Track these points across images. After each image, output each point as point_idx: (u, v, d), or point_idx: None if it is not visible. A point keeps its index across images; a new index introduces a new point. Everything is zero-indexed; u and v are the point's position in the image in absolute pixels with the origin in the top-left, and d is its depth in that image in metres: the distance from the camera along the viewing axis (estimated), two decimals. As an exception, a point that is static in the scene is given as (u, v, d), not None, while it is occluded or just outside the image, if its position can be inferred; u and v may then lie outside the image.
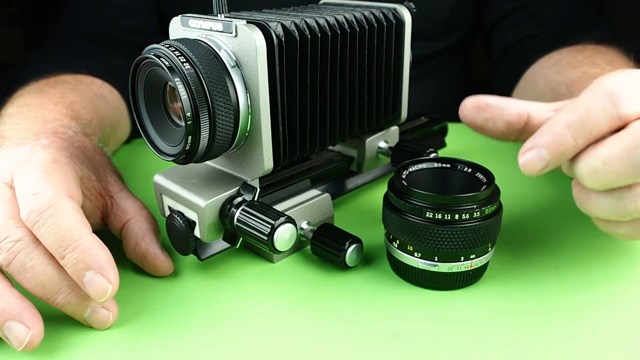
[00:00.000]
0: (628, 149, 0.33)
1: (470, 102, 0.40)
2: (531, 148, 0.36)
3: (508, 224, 0.48)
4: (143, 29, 0.74)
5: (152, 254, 0.42)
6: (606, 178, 0.34)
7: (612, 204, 0.36)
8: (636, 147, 0.33)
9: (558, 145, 0.35)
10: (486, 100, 0.40)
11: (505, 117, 0.40)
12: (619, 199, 0.35)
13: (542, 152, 0.35)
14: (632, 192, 0.35)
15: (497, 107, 0.40)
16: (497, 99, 0.40)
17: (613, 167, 0.34)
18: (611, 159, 0.34)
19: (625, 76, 0.35)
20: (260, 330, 0.38)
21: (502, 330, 0.37)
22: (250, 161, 0.41)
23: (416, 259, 0.40)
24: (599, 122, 0.34)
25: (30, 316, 0.35)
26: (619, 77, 0.35)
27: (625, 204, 0.35)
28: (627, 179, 0.34)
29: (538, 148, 0.35)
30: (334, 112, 0.45)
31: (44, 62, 0.64)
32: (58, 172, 0.38)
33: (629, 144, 0.33)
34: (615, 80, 0.35)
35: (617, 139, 0.34)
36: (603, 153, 0.34)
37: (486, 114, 0.40)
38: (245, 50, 0.38)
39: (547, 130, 0.35)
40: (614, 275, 0.42)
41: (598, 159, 0.34)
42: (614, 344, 0.36)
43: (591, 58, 0.60)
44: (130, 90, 0.39)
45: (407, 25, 0.49)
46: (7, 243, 0.35)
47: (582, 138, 0.35)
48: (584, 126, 0.34)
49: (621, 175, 0.34)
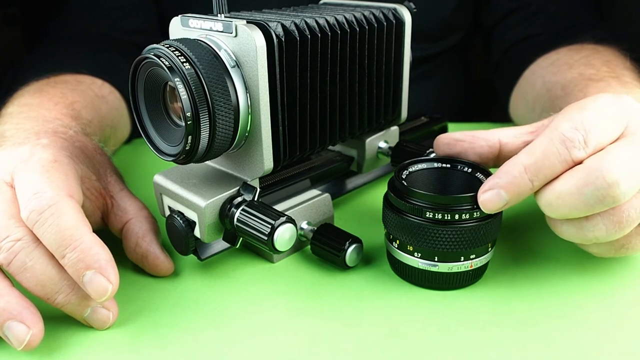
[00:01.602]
0: (579, 186, 0.35)
1: (440, 140, 0.43)
2: (490, 188, 0.38)
3: (508, 224, 0.48)
4: (143, 29, 0.74)
5: (152, 254, 0.42)
6: (561, 211, 0.37)
7: (573, 232, 0.38)
8: (586, 184, 0.35)
9: (515, 187, 0.37)
10: (455, 137, 0.43)
11: (476, 150, 0.42)
12: (578, 227, 0.37)
13: (501, 193, 0.37)
14: (590, 223, 0.37)
15: (466, 141, 0.42)
16: (465, 135, 0.43)
17: (566, 202, 0.36)
18: (564, 195, 0.36)
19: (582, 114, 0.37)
20: (260, 330, 0.38)
21: (502, 330, 0.37)
22: (250, 161, 0.41)
23: (416, 259, 0.40)
24: (554, 166, 0.36)
25: (31, 316, 0.35)
26: (576, 117, 0.37)
27: (584, 232, 0.37)
28: (581, 213, 0.36)
29: (497, 189, 0.37)
30: (334, 112, 0.45)
31: (44, 62, 0.64)
32: (58, 172, 0.38)
33: (579, 181, 0.35)
34: (571, 122, 0.37)
35: (571, 176, 0.36)
36: (557, 189, 0.36)
37: (457, 148, 0.43)
38: (245, 50, 0.38)
39: (506, 172, 0.37)
40: (613, 275, 0.42)
41: (553, 194, 0.37)
42: (613, 344, 0.36)
43: (588, 58, 0.61)
44: (130, 90, 0.40)
45: (407, 25, 0.49)
46: (7, 242, 0.35)
47: (537, 180, 0.37)
48: (540, 170, 0.37)
49: (574, 209, 0.36)
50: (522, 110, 0.69)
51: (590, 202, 0.35)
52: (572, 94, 0.53)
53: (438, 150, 0.44)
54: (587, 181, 0.35)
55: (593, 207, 0.36)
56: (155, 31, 0.75)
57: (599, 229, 0.37)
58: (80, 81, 0.61)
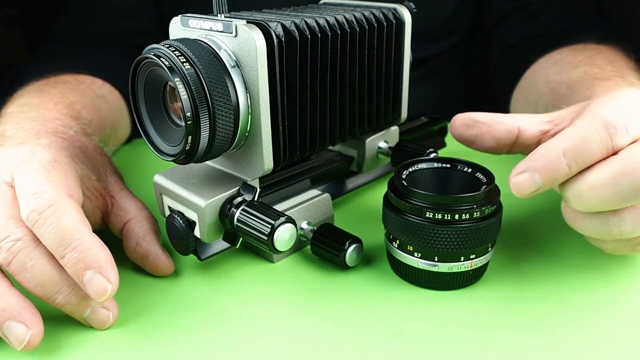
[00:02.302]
0: (615, 177, 0.34)
1: (459, 119, 0.41)
2: (524, 171, 0.36)
3: (508, 224, 0.48)
4: (143, 29, 0.74)
5: (153, 253, 0.42)
6: (591, 203, 0.35)
7: (597, 226, 0.36)
8: (623, 175, 0.33)
9: (552, 172, 0.35)
10: (474, 117, 0.41)
11: (495, 134, 0.41)
12: (604, 221, 0.36)
13: (535, 177, 0.36)
14: (617, 217, 0.35)
15: (485, 124, 0.41)
16: (486, 116, 0.41)
17: (599, 193, 0.34)
18: (598, 185, 0.34)
19: (619, 102, 0.36)
20: (260, 331, 0.38)
21: (502, 330, 0.37)
22: (250, 161, 0.41)
23: (416, 259, 0.40)
24: (594, 152, 0.35)
25: (30, 316, 0.35)
26: (614, 104, 0.36)
27: (610, 227, 0.36)
28: (612, 205, 0.35)
29: (531, 172, 0.36)
30: (334, 112, 0.45)
31: (44, 62, 0.64)
32: (58, 172, 0.38)
33: (616, 171, 0.34)
34: (611, 108, 0.35)
35: (606, 166, 0.34)
36: (591, 179, 0.35)
37: (475, 130, 0.41)
38: (245, 50, 0.38)
39: (543, 155, 0.36)
40: (614, 275, 0.42)
41: (585, 184, 0.35)
42: (614, 344, 0.36)
43: (592, 58, 0.60)
44: (130, 90, 0.40)
45: (407, 25, 0.49)
46: (7, 242, 0.35)
47: (576, 166, 0.35)
48: (579, 155, 0.35)
49: (606, 201, 0.34)
50: (523, 110, 0.69)
51: (625, 194, 0.34)
52: (579, 92, 0.53)
53: (455, 130, 0.42)
54: (624, 172, 0.33)
55: (626, 200, 0.34)
56: (155, 31, 0.75)
57: (625, 224, 0.35)
58: (80, 81, 0.61)
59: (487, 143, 0.41)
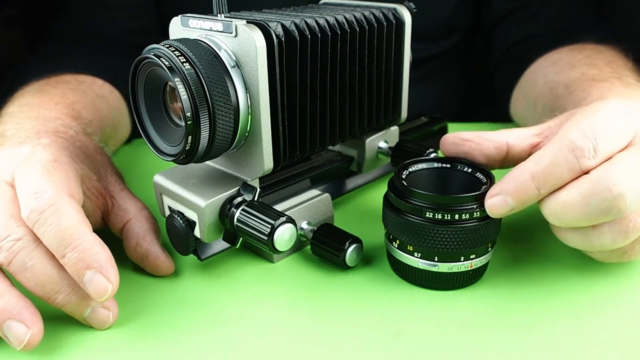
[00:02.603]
0: (584, 197, 0.35)
1: (448, 139, 0.43)
2: (497, 194, 0.38)
3: (508, 224, 0.48)
4: (143, 29, 0.74)
5: (153, 253, 0.42)
6: (566, 220, 0.36)
7: (579, 240, 0.38)
8: (592, 195, 0.35)
9: (522, 194, 0.37)
10: (462, 136, 0.42)
11: (484, 151, 0.42)
12: (584, 236, 0.37)
13: (508, 199, 0.37)
14: (596, 231, 0.37)
15: (473, 142, 0.42)
16: (474, 135, 0.42)
17: (571, 212, 0.36)
18: (569, 205, 0.36)
19: (591, 121, 0.37)
20: (260, 331, 0.38)
21: (502, 330, 0.37)
22: (250, 161, 0.41)
23: (416, 259, 0.40)
24: (562, 174, 0.36)
25: (30, 315, 0.35)
26: (585, 124, 0.36)
27: (590, 240, 0.37)
28: (586, 222, 0.36)
29: (504, 195, 0.37)
30: (334, 112, 0.45)
31: (45, 62, 0.64)
32: (59, 172, 0.39)
33: (585, 191, 0.35)
34: (580, 130, 0.36)
35: (576, 186, 0.36)
36: (562, 198, 0.36)
37: (463, 148, 0.42)
38: (245, 50, 0.38)
39: (514, 179, 0.37)
40: (612, 275, 0.42)
41: (558, 203, 0.36)
42: (614, 344, 0.36)
43: (590, 58, 0.61)
44: (130, 90, 0.40)
45: (407, 25, 0.49)
46: (7, 242, 0.35)
47: (544, 188, 0.36)
48: (547, 178, 0.36)
49: (579, 219, 0.36)
50: (523, 109, 0.69)
51: (595, 212, 0.35)
52: (575, 93, 0.53)
53: (444, 149, 0.43)
54: (593, 191, 0.35)
55: (598, 218, 0.35)
56: (155, 31, 0.75)
57: (605, 237, 0.36)
58: (80, 81, 0.61)
59: (477, 160, 0.42)
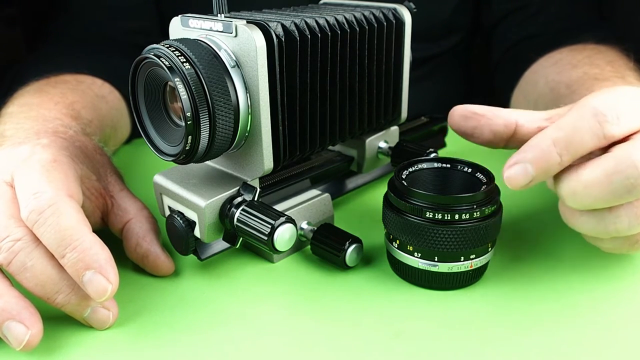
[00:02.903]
0: (608, 174, 0.34)
1: (458, 111, 0.41)
2: (517, 162, 0.36)
3: (508, 224, 0.48)
4: (143, 29, 0.74)
5: (153, 253, 0.42)
6: (586, 200, 0.35)
7: (594, 224, 0.36)
8: (616, 172, 0.34)
9: (544, 162, 0.35)
10: (473, 109, 0.41)
11: (492, 127, 0.40)
12: (599, 219, 0.36)
13: (528, 167, 0.35)
14: (612, 214, 0.35)
15: (484, 116, 0.41)
16: (485, 109, 0.41)
17: (592, 190, 0.34)
18: (591, 183, 0.34)
19: (612, 95, 0.36)
20: (260, 330, 0.38)
21: (502, 330, 0.37)
22: (250, 161, 0.41)
23: (416, 259, 0.40)
24: (584, 141, 0.35)
25: (30, 316, 0.35)
26: (606, 96, 0.36)
27: (606, 224, 0.36)
28: (606, 203, 0.35)
29: (524, 163, 0.36)
30: (334, 112, 0.45)
31: (44, 62, 0.64)
32: (58, 172, 0.38)
33: (609, 169, 0.34)
34: (602, 99, 0.35)
35: (599, 163, 0.34)
36: (584, 176, 0.35)
37: (473, 122, 0.41)
38: (245, 50, 0.38)
39: (534, 145, 0.36)
40: (613, 275, 0.42)
41: (579, 182, 0.35)
42: (614, 344, 0.36)
43: (591, 58, 0.61)
44: (130, 90, 0.40)
45: (407, 25, 0.49)
46: (7, 242, 0.35)
47: (567, 155, 0.35)
48: (570, 144, 0.35)
49: (600, 199, 0.34)
50: (523, 109, 0.69)
51: (618, 191, 0.34)
52: (578, 92, 0.53)
53: (452, 121, 0.42)
54: (617, 169, 0.33)
55: (620, 197, 0.34)
56: (155, 31, 0.75)
57: (621, 221, 0.35)
58: (80, 81, 0.61)
59: (484, 135, 0.41)
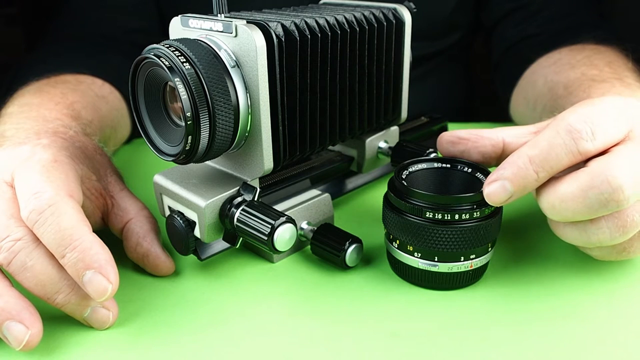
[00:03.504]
0: (583, 189, 0.35)
1: (444, 138, 0.43)
2: (496, 180, 0.37)
3: (508, 224, 0.48)
4: (143, 29, 0.74)
5: (153, 253, 0.42)
6: (564, 214, 0.36)
7: (577, 235, 0.37)
8: (591, 187, 0.34)
9: (521, 179, 0.36)
10: (458, 135, 0.42)
11: (480, 149, 0.42)
12: (582, 230, 0.37)
13: (506, 185, 0.37)
14: (594, 226, 0.36)
15: (470, 140, 0.42)
16: (470, 132, 0.42)
17: (570, 205, 0.35)
18: (568, 198, 0.35)
19: (590, 109, 0.37)
20: (260, 330, 0.38)
21: (502, 330, 0.37)
22: (250, 161, 0.41)
23: (416, 259, 0.40)
24: (560, 157, 0.36)
25: (29, 316, 0.35)
26: (583, 111, 0.36)
27: (588, 235, 0.37)
28: (584, 216, 0.36)
29: (502, 180, 0.37)
30: (334, 112, 0.45)
31: (44, 62, 0.64)
32: (58, 172, 0.39)
33: (584, 184, 0.35)
34: (578, 115, 0.36)
35: (575, 179, 0.35)
36: (561, 191, 0.36)
37: (460, 147, 0.42)
38: (245, 50, 0.38)
39: (511, 163, 0.37)
40: (611, 274, 0.42)
41: (556, 197, 0.36)
42: (613, 344, 0.36)
43: (590, 58, 0.61)
44: (130, 90, 0.40)
45: (407, 25, 0.49)
46: (7, 242, 0.35)
47: (543, 172, 0.36)
48: (545, 161, 0.36)
49: (577, 212, 0.35)
50: (522, 109, 0.69)
51: (594, 206, 0.35)
52: (575, 93, 0.53)
53: (441, 148, 0.43)
54: (592, 184, 0.34)
55: (596, 211, 0.35)
56: (155, 31, 0.75)
57: (603, 232, 0.36)
58: (80, 81, 0.61)
59: (473, 158, 0.42)
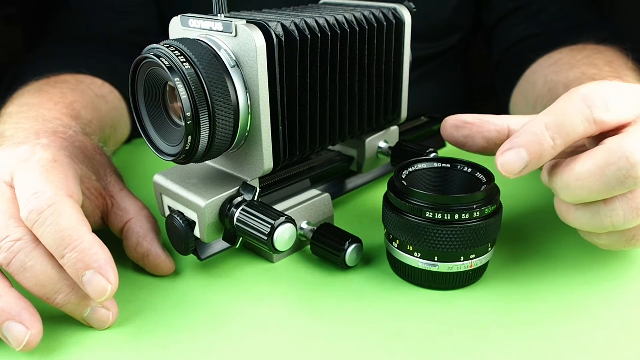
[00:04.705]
0: (600, 167, 0.34)
1: (449, 122, 0.42)
2: (510, 148, 0.36)
3: (508, 224, 0.48)
4: (143, 29, 0.74)
5: (154, 253, 0.42)
6: (579, 194, 0.35)
7: (589, 218, 0.36)
8: (608, 165, 0.34)
9: (537, 145, 0.35)
10: (464, 119, 0.42)
11: (485, 134, 0.41)
12: (595, 213, 0.36)
13: (522, 152, 0.35)
14: (608, 207, 0.35)
15: (475, 124, 0.41)
16: (475, 117, 0.42)
17: (586, 183, 0.34)
18: (584, 176, 0.34)
19: (601, 85, 0.36)
20: (260, 330, 0.38)
21: (502, 330, 0.37)
22: (250, 161, 0.41)
23: (416, 259, 0.40)
24: (575, 124, 0.35)
25: (30, 316, 0.35)
26: (595, 86, 0.36)
27: (601, 218, 0.36)
28: (600, 195, 0.35)
29: (517, 148, 0.35)
30: (334, 112, 0.45)
31: (44, 62, 0.64)
32: (58, 172, 0.38)
33: (601, 161, 0.34)
34: (591, 87, 0.36)
35: (591, 156, 0.35)
36: (577, 169, 0.35)
37: (465, 131, 0.42)
38: (245, 50, 0.38)
39: (526, 131, 0.36)
40: (613, 274, 0.42)
41: (572, 175, 0.35)
42: (613, 343, 0.36)
43: (590, 58, 0.61)
44: (130, 90, 0.40)
45: (407, 25, 0.49)
46: (7, 242, 0.35)
47: (559, 139, 0.35)
48: (561, 127, 0.35)
49: (594, 191, 0.35)
50: (522, 109, 0.69)
51: (611, 183, 0.34)
52: None
53: (445, 132, 0.43)
54: (610, 161, 0.34)
55: (614, 189, 0.34)
56: (155, 31, 0.75)
57: (617, 214, 0.35)
58: (80, 81, 0.61)
59: (477, 143, 0.41)
